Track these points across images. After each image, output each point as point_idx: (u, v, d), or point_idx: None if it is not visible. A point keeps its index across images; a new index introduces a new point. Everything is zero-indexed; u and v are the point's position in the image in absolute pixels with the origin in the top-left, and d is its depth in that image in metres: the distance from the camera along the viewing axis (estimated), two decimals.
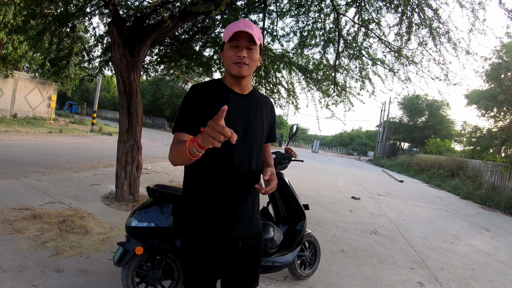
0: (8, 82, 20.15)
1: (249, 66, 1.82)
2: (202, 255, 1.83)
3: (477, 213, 11.58)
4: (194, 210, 1.85)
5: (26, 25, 6.40)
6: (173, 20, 4.89)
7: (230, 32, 1.74)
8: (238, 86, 1.90)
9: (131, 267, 2.76)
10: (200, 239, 1.83)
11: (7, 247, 3.62)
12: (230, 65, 1.81)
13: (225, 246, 1.86)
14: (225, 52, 1.82)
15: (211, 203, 1.81)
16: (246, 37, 1.76)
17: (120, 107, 5.93)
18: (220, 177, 1.80)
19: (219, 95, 1.83)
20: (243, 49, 1.77)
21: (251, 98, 1.94)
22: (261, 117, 1.95)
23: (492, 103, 21.73)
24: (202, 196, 1.82)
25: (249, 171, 1.87)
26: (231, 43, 1.78)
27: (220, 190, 1.81)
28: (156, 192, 2.96)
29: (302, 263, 4.02)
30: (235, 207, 1.84)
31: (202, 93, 1.82)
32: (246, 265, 1.95)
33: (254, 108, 1.93)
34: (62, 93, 31.29)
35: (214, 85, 1.89)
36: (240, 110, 1.86)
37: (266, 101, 2.06)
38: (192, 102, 1.79)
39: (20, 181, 6.37)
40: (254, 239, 1.97)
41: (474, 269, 5.46)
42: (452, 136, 37.30)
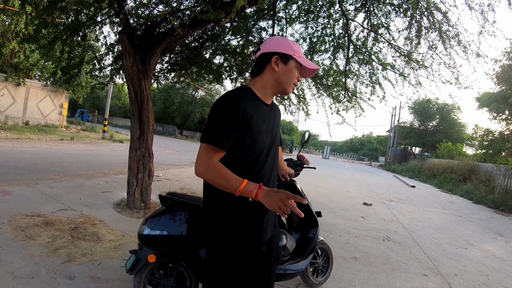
0: (20, 90, 20.41)
1: None
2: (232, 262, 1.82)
3: (491, 218, 11.43)
4: (223, 218, 1.83)
5: (37, 34, 6.48)
6: (184, 29, 4.92)
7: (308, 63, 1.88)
8: (270, 99, 1.95)
9: (143, 275, 2.75)
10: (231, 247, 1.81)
11: (19, 254, 3.64)
12: (289, 84, 1.88)
13: (253, 251, 1.86)
14: (293, 69, 1.87)
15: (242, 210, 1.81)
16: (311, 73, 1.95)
17: (131, 114, 5.96)
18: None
19: (254, 107, 1.80)
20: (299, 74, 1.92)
21: (272, 107, 1.99)
22: (279, 125, 2.04)
23: (503, 106, 21.56)
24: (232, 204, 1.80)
25: (274, 176, 1.96)
26: (298, 64, 1.87)
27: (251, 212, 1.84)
28: (168, 200, 2.96)
29: (315, 271, 3.99)
30: (265, 213, 1.87)
31: (241, 104, 1.72)
32: (264, 268, 1.94)
33: (274, 117, 1.98)
34: (73, 101, 31.59)
35: (248, 95, 1.83)
36: (268, 120, 1.89)
37: (276, 107, 2.09)
38: (230, 114, 1.70)
39: (32, 188, 6.42)
40: (273, 241, 1.99)
41: (488, 275, 5.38)
42: (463, 140, 37.03)
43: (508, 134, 21.97)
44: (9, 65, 19.66)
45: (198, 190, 8.66)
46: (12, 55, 19.59)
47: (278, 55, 1.85)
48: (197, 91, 44.67)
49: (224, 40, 7.54)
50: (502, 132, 22.73)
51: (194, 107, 44.41)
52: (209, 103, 44.61)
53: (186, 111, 44.99)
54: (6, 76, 19.01)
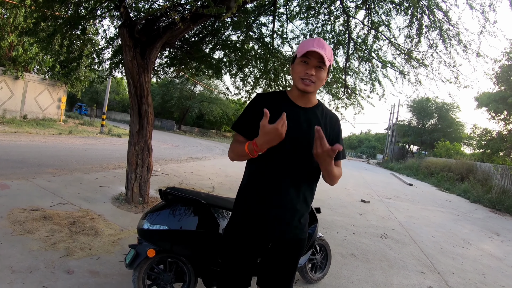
0: (18, 84, 20.32)
1: (315, 84, 1.89)
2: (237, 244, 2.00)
3: (487, 217, 11.48)
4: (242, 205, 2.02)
5: (36, 27, 6.43)
6: (184, 23, 4.90)
7: (303, 49, 1.83)
8: (301, 100, 1.98)
9: (142, 270, 2.75)
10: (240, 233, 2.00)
11: (17, 248, 3.63)
12: (297, 80, 1.89)
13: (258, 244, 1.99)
14: (295, 66, 1.91)
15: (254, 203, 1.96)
16: (317, 57, 1.84)
17: (130, 109, 5.94)
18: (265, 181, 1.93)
19: (279, 105, 1.93)
20: (312, 68, 1.85)
21: (311, 111, 2.00)
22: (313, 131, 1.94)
23: (502, 106, 21.58)
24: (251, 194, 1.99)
25: (294, 181, 1.93)
26: (302, 58, 1.86)
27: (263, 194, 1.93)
28: (168, 195, 2.95)
29: (313, 267, 4.00)
30: (273, 211, 1.93)
31: (265, 102, 1.93)
32: (278, 268, 2.03)
33: (311, 121, 1.96)
34: (72, 95, 31.57)
35: (278, 96, 2.01)
36: (295, 121, 1.92)
37: (330, 115, 2.08)
38: (253, 108, 1.96)
39: (30, 182, 6.41)
40: (290, 246, 2.02)
41: (484, 273, 5.40)
42: (461, 139, 37.08)
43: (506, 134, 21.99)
44: (7, 59, 19.58)
45: (196, 185, 8.67)
46: (11, 49, 19.51)
47: (292, 61, 2.00)
48: (196, 86, 44.61)
49: (224, 35, 7.52)
50: (500, 132, 22.76)
51: (192, 102, 44.32)
52: (208, 98, 44.58)
53: (184, 106, 44.94)
54: (4, 69, 18.90)
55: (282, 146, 1.81)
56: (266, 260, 2.04)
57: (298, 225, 2.00)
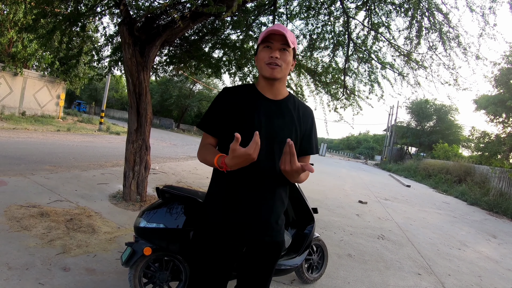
0: (17, 80, 20.30)
1: (282, 68, 1.79)
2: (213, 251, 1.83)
3: (485, 220, 11.49)
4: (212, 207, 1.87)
5: (36, 23, 6.42)
6: (184, 21, 4.89)
7: (264, 34, 1.77)
8: (270, 91, 1.88)
9: (138, 268, 2.75)
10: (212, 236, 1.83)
11: (14, 245, 3.63)
12: (263, 67, 1.79)
13: (233, 247, 1.84)
14: (259, 54, 1.83)
15: (226, 205, 1.81)
16: (280, 39, 1.76)
17: (129, 107, 5.94)
18: (238, 181, 1.79)
19: (247, 99, 1.85)
20: (276, 50, 1.77)
21: (282, 104, 1.89)
22: (291, 124, 1.87)
23: (501, 109, 21.64)
24: (222, 195, 1.84)
25: (269, 179, 1.83)
26: (264, 44, 1.79)
27: (236, 194, 1.80)
28: (165, 193, 2.95)
29: (310, 267, 4.01)
30: (248, 212, 1.80)
31: (231, 96, 1.86)
32: (254, 272, 1.92)
33: (284, 115, 1.87)
34: (70, 92, 31.47)
35: (246, 89, 1.91)
36: (267, 115, 1.83)
37: (303, 108, 1.98)
38: (220, 104, 1.86)
39: (28, 179, 6.40)
40: (267, 248, 1.90)
41: (481, 276, 5.41)
42: (460, 141, 37.17)
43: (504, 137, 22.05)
44: (6, 55, 19.54)
45: (194, 184, 8.67)
46: (10, 45, 19.47)
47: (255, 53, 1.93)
48: (195, 85, 44.55)
49: (224, 34, 7.51)
50: (498, 135, 22.82)
51: (191, 101, 44.28)
52: (207, 97, 44.50)
53: (183, 104, 44.88)
54: (3, 65, 18.88)
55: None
56: (243, 264, 1.92)
57: (275, 227, 1.89)
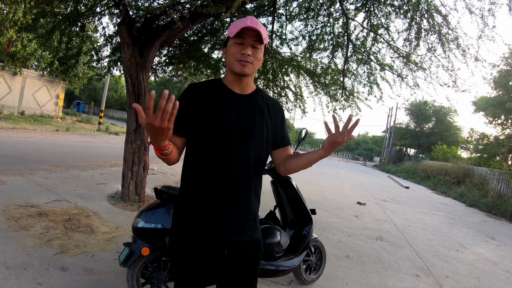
0: (16, 80, 20.30)
1: (253, 65, 1.74)
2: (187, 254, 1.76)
3: (483, 221, 11.49)
4: (185, 210, 1.78)
5: (36, 23, 6.43)
6: (183, 22, 4.89)
7: (237, 28, 1.66)
8: (238, 86, 1.83)
9: (136, 268, 2.75)
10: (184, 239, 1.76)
11: (12, 244, 3.63)
12: (233, 62, 1.72)
13: (210, 250, 1.77)
14: (229, 48, 1.74)
15: (197, 204, 1.74)
16: (253, 35, 1.69)
17: (128, 107, 5.95)
18: (212, 180, 1.72)
19: (214, 95, 1.78)
20: (248, 47, 1.70)
21: (251, 98, 1.85)
22: (262, 119, 1.83)
23: (500, 111, 21.66)
24: (194, 196, 1.76)
25: (244, 175, 1.77)
26: (236, 39, 1.70)
27: (210, 194, 1.72)
28: (163, 193, 2.95)
29: (308, 268, 4.00)
30: (223, 211, 1.74)
31: (197, 92, 1.78)
32: (236, 277, 1.83)
33: (254, 109, 1.83)
34: (70, 92, 31.47)
35: (212, 84, 1.84)
36: (237, 111, 1.78)
37: (271, 102, 1.95)
38: (184, 101, 1.76)
39: (26, 178, 6.39)
40: (246, 249, 1.83)
41: (479, 277, 5.41)
42: (459, 143, 37.14)
43: (503, 138, 22.06)
44: (6, 54, 19.54)
45: None
46: (10, 44, 19.47)
47: (224, 44, 1.84)
48: None
49: (223, 35, 7.52)
50: (497, 137, 22.82)
51: None
52: None
53: None
54: (2, 65, 18.90)
55: (227, 139, 1.71)
56: (222, 268, 1.83)
57: (253, 224, 1.85)
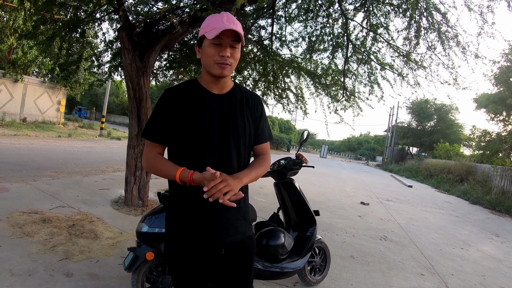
0: (17, 87, 20.36)
1: (232, 66, 1.71)
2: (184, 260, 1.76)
3: (487, 218, 11.47)
4: (174, 216, 1.80)
5: (36, 30, 6.46)
6: (183, 26, 4.91)
7: (214, 28, 1.62)
8: (216, 86, 1.80)
9: (141, 273, 2.76)
10: (180, 245, 1.76)
11: (17, 251, 3.64)
12: (212, 65, 1.68)
13: (207, 253, 1.77)
14: (206, 49, 1.69)
15: (188, 209, 1.74)
16: (231, 35, 1.64)
17: (129, 112, 5.95)
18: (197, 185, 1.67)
19: (192, 97, 1.76)
20: (226, 48, 1.65)
21: (230, 97, 1.83)
22: (242, 117, 1.83)
23: (501, 107, 21.64)
24: (181, 201, 1.77)
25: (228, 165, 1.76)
26: (213, 40, 1.64)
27: (197, 196, 1.66)
28: (167, 198, 2.95)
29: (312, 269, 4.00)
30: (214, 213, 1.73)
31: (174, 97, 1.76)
32: (234, 274, 1.84)
33: (233, 108, 1.81)
34: (71, 98, 31.54)
35: (188, 86, 1.81)
36: (216, 111, 1.76)
37: (251, 97, 1.92)
38: (163, 107, 1.75)
39: (29, 185, 6.41)
40: (242, 246, 1.85)
41: (484, 275, 5.40)
42: (461, 140, 37.03)
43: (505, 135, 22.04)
44: (7, 61, 19.62)
45: None
46: (10, 51, 19.54)
47: (197, 43, 1.79)
48: None
49: None
50: (499, 133, 22.81)
51: None
52: None
53: None
54: (3, 72, 18.97)
55: (208, 141, 1.71)
56: (219, 268, 1.83)
57: (244, 223, 1.84)
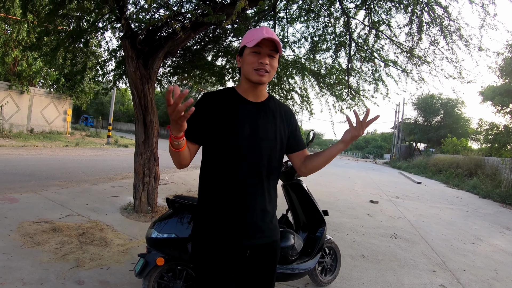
0: (24, 98, 20.54)
1: (269, 74, 1.79)
2: (210, 258, 1.80)
3: (498, 212, 11.39)
4: (203, 217, 1.84)
5: (40, 42, 6.51)
6: (185, 32, 4.93)
7: (254, 38, 1.72)
8: (252, 94, 1.87)
9: (152, 278, 2.77)
10: (208, 245, 1.80)
11: (28, 260, 3.66)
12: (251, 72, 1.77)
13: (233, 253, 1.81)
14: (246, 57, 1.79)
15: (217, 210, 1.80)
16: (269, 45, 1.74)
17: (136, 119, 5.98)
18: (227, 185, 1.79)
19: (228, 103, 1.83)
20: (265, 56, 1.75)
21: (264, 106, 1.90)
22: (274, 125, 1.89)
23: (507, 99, 21.46)
24: (211, 202, 1.82)
25: (258, 180, 1.83)
26: (253, 49, 1.75)
27: (226, 198, 1.79)
28: (175, 203, 2.96)
29: (323, 270, 3.99)
30: (241, 215, 1.80)
31: (211, 101, 1.82)
32: (258, 277, 1.89)
33: (267, 117, 1.88)
34: (77, 107, 31.74)
35: (226, 93, 1.88)
36: (249, 117, 1.83)
37: (284, 109, 2.00)
38: (198, 108, 1.79)
39: (38, 195, 6.45)
40: (267, 249, 1.90)
41: (496, 269, 5.35)
42: (468, 134, 36.79)
43: None
44: (12, 74, 19.80)
45: None
46: (15, 64, 19.72)
47: (239, 53, 1.89)
48: (200, 94, 44.60)
49: (226, 42, 7.54)
50: (507, 126, 22.60)
51: None
52: None
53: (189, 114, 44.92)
54: (9, 84, 19.16)
55: (241, 147, 1.77)
56: (243, 270, 1.87)
57: (271, 226, 1.91)
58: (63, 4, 5.68)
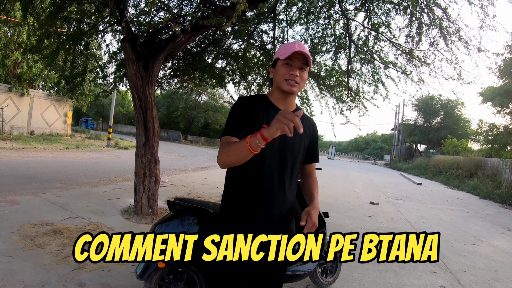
0: (24, 100, 20.54)
1: (299, 85, 1.91)
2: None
3: (498, 213, 11.40)
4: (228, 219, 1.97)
5: (40, 44, 6.52)
6: (185, 34, 4.94)
7: (286, 51, 1.85)
8: (282, 103, 1.99)
9: (153, 280, 2.77)
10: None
11: (29, 263, 3.67)
12: (282, 82, 1.90)
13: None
14: (279, 68, 1.92)
15: (243, 214, 1.92)
16: (301, 58, 1.87)
17: (136, 121, 5.99)
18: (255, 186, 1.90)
19: (261, 109, 1.93)
20: (296, 69, 1.88)
21: None
22: (300, 136, 1.98)
23: (507, 99, 21.47)
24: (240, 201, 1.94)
25: (280, 185, 1.94)
26: (285, 61, 1.88)
27: (254, 197, 1.91)
28: (176, 205, 2.97)
29: (324, 271, 3.99)
30: (264, 218, 1.92)
31: (247, 105, 1.93)
32: (270, 275, 2.01)
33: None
34: (77, 110, 31.72)
35: (259, 99, 1.99)
36: None
37: (308, 121, 2.12)
38: (239, 111, 1.90)
39: (39, 197, 6.46)
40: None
41: (497, 270, 5.37)
42: (468, 135, 36.76)
43: None
44: (12, 76, 19.80)
45: (205, 195, 8.69)
46: (16, 66, 19.72)
47: (272, 64, 2.03)
48: (200, 96, 44.67)
49: (226, 44, 7.56)
50: (506, 126, 22.62)
51: (198, 112, 44.38)
52: (213, 107, 44.64)
53: (190, 116, 44.98)
54: (10, 87, 19.16)
55: (269, 152, 1.87)
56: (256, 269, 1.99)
57: (287, 229, 2.04)
58: (63, 7, 5.69)
